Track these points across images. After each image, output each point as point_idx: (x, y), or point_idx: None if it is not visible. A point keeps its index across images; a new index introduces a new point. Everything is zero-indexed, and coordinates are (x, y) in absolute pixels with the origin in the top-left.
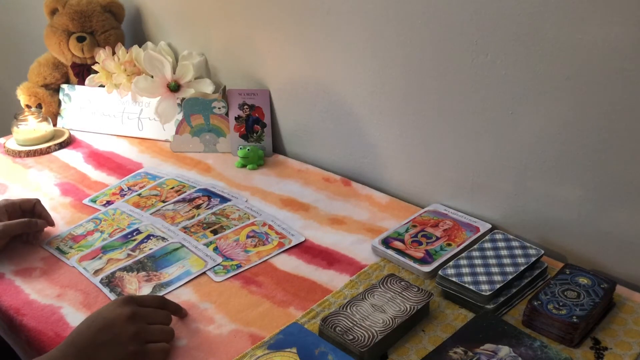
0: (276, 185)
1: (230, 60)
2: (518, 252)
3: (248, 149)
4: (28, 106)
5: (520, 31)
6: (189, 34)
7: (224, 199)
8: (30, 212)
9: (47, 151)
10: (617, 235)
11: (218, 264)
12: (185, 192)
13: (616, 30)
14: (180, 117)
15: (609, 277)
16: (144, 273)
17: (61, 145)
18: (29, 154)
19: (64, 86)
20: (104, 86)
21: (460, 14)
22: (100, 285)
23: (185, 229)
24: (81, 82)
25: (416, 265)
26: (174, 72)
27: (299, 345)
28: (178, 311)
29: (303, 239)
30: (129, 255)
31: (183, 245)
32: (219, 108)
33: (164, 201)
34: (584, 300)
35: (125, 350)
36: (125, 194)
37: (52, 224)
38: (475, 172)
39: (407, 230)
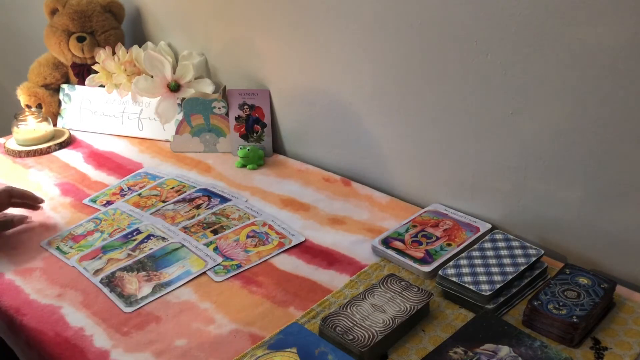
0: (276, 185)
1: (230, 60)
2: (518, 252)
3: (248, 149)
4: (28, 106)
5: (520, 31)
6: (189, 34)
7: (224, 199)
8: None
9: (47, 151)
10: (617, 235)
11: (218, 264)
12: (185, 192)
13: (616, 32)
14: (180, 117)
15: (609, 277)
16: (144, 273)
17: (61, 145)
18: (29, 154)
19: (64, 86)
20: (104, 86)
21: (460, 14)
22: (100, 285)
23: (185, 229)
24: (81, 82)
25: (416, 265)
26: (174, 72)
27: (299, 345)
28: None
29: (303, 239)
30: (129, 255)
31: (183, 245)
32: (219, 108)
33: (164, 201)
34: (584, 300)
35: None
36: (125, 194)
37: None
38: (475, 172)
39: (407, 230)
